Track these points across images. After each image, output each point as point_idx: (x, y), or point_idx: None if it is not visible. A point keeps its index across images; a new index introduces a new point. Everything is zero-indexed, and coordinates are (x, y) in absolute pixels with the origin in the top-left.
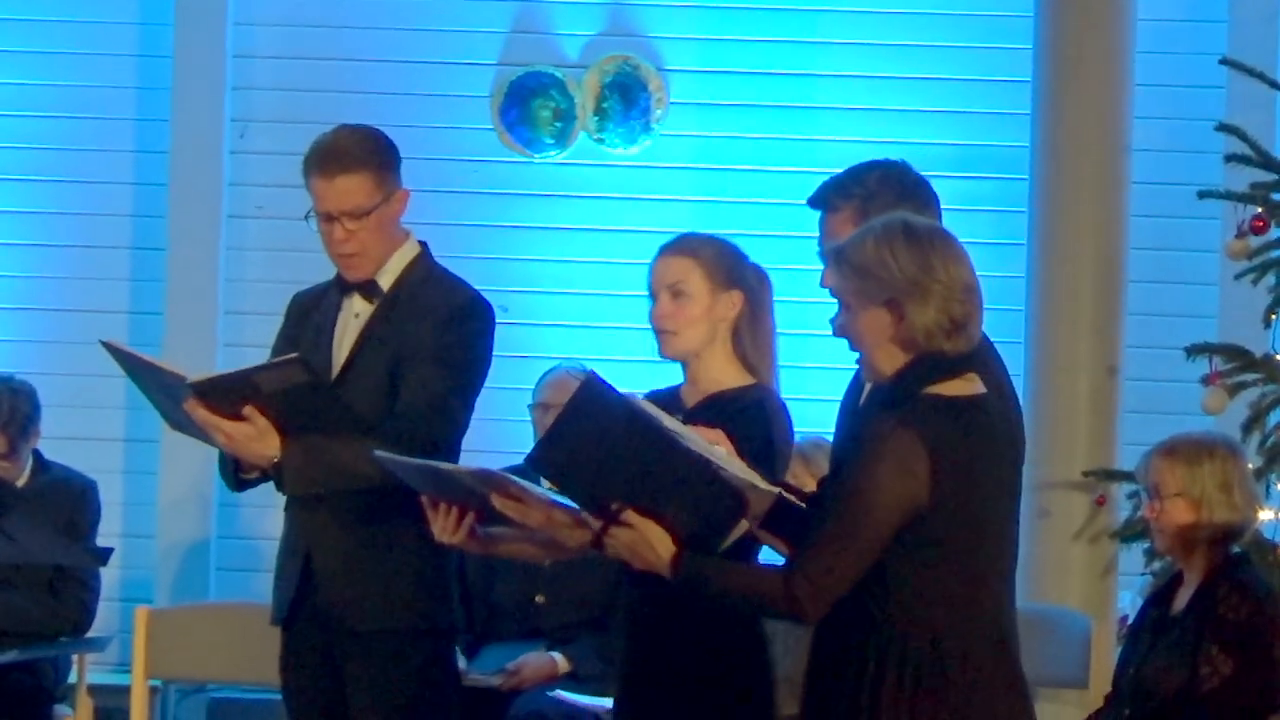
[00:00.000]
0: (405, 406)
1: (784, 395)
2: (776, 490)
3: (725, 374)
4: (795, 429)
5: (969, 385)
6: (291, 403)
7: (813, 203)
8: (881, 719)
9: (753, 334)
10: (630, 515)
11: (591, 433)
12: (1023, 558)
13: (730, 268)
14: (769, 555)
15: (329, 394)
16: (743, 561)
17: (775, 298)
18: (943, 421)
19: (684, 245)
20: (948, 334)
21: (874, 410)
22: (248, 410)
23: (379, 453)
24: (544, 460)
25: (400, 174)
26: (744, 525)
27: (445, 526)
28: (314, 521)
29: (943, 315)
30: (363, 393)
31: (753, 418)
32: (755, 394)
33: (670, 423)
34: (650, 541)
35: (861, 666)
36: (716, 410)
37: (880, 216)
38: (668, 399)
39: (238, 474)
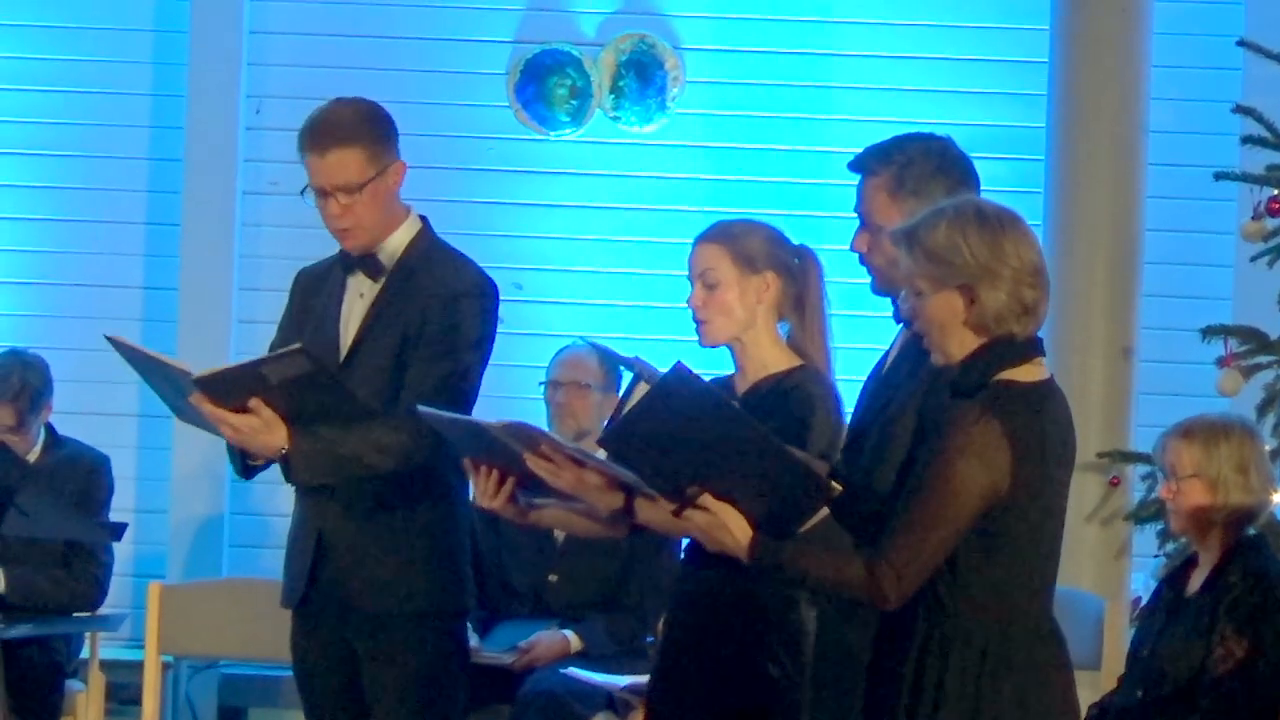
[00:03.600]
0: (412, 392)
1: None
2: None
3: (770, 357)
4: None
5: (1038, 370)
6: (297, 392)
7: (852, 166)
8: (947, 707)
9: (799, 315)
10: (707, 499)
11: (674, 419)
12: None
13: (761, 251)
14: None
15: (334, 382)
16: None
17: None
18: (1021, 410)
19: (714, 232)
20: (1018, 317)
21: (944, 395)
22: (254, 403)
23: (423, 408)
24: (619, 442)
25: (396, 146)
26: (824, 513)
27: (486, 490)
28: (326, 504)
29: (1013, 300)
30: (370, 375)
31: (793, 401)
32: (798, 376)
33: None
34: (727, 525)
35: (925, 656)
36: (762, 395)
37: (953, 199)
38: (725, 386)
39: (245, 461)
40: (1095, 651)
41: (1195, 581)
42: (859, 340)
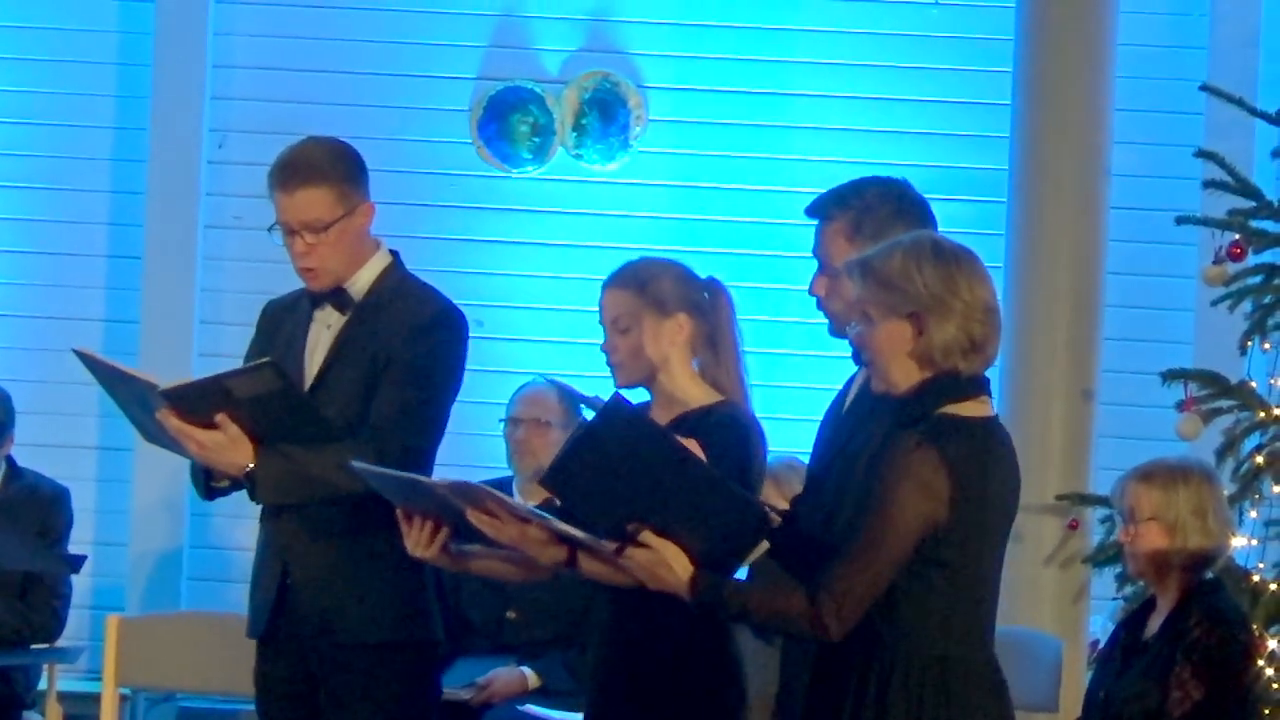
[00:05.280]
0: (377, 417)
1: (757, 414)
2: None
3: (690, 394)
4: (769, 449)
5: (982, 407)
6: (264, 409)
7: (810, 211)
8: None
9: (714, 352)
10: (648, 536)
11: (613, 451)
12: None
13: (672, 293)
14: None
15: (302, 400)
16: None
17: (750, 316)
18: (961, 442)
19: (622, 278)
20: (964, 353)
21: (886, 427)
22: (220, 418)
23: (357, 463)
24: (559, 479)
25: (366, 187)
26: (764, 545)
27: (419, 540)
28: (290, 533)
29: (962, 334)
30: (335, 405)
31: (723, 434)
32: (723, 410)
33: None
34: (668, 562)
35: (864, 687)
36: (685, 430)
37: (910, 233)
38: None
39: (208, 482)
40: (1052, 694)
41: (1153, 625)
42: (817, 380)
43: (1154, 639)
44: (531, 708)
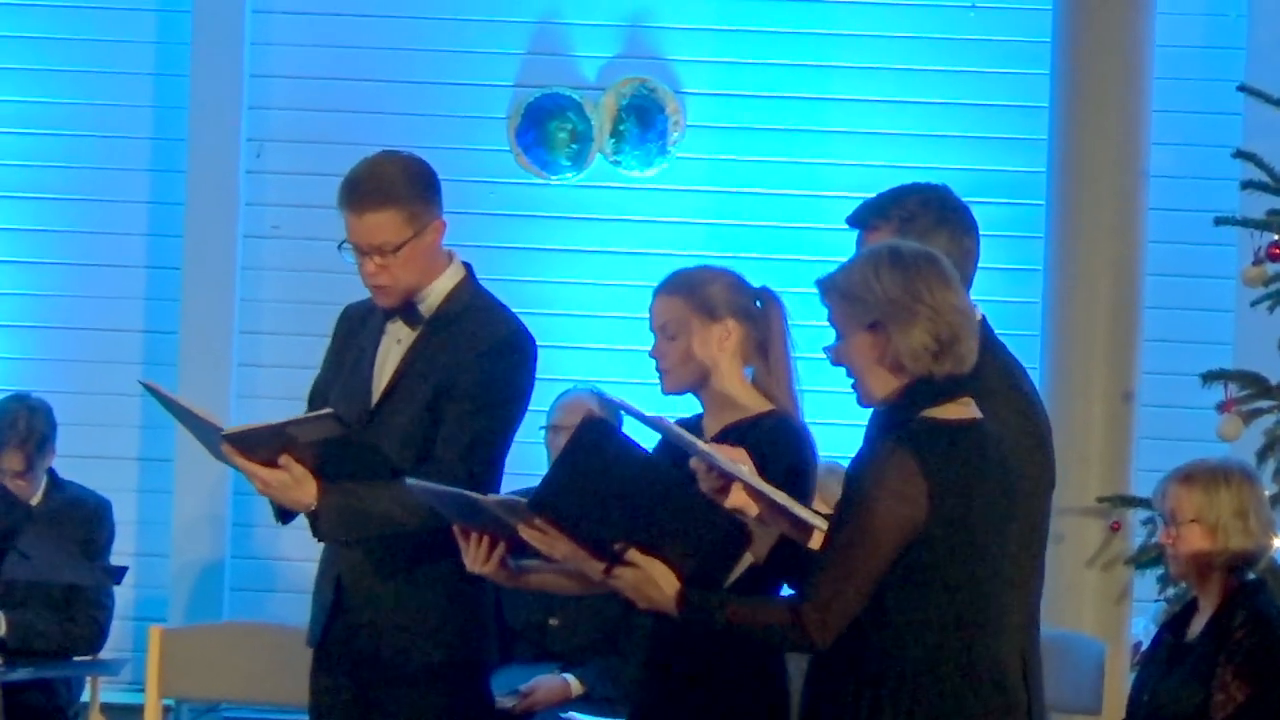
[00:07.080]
0: (444, 449)
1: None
2: (818, 522)
3: (740, 401)
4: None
5: (964, 410)
6: (327, 452)
7: (852, 221)
8: None
9: (763, 359)
10: (633, 554)
11: (591, 473)
12: None
13: (720, 299)
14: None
15: (364, 444)
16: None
17: (791, 321)
18: (939, 444)
19: (670, 284)
20: (935, 356)
21: (873, 435)
22: (284, 460)
23: (412, 481)
24: (546, 502)
25: (438, 203)
26: (748, 559)
27: (476, 557)
28: (348, 549)
29: (928, 337)
30: (400, 423)
31: (774, 443)
32: (770, 420)
33: (694, 441)
34: (655, 579)
35: (858, 698)
36: (735, 438)
37: (872, 245)
38: (692, 427)
39: (281, 506)
40: (1096, 696)
41: (1196, 626)
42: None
43: (1197, 641)
44: (574, 715)
